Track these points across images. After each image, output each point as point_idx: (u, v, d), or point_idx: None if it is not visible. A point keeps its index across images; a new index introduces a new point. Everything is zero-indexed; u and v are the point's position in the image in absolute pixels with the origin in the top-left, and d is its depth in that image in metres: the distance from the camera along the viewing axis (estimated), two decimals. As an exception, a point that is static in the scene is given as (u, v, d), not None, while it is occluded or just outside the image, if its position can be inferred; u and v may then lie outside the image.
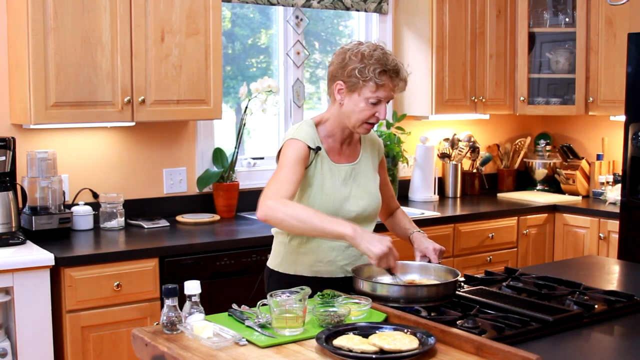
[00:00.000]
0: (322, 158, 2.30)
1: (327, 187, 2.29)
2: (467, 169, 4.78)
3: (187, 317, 1.88)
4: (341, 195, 2.31)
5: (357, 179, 2.37)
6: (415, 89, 4.40)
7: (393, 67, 2.21)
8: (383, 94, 2.22)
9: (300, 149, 2.24)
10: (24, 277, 2.80)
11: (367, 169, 2.41)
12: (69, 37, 3.09)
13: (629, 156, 3.78)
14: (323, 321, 1.88)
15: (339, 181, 2.32)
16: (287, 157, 2.23)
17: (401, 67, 2.25)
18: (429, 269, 2.31)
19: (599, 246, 4.13)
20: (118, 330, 2.99)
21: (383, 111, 2.24)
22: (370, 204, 2.37)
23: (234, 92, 4.06)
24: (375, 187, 2.42)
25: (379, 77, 2.19)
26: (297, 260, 2.35)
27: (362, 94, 2.22)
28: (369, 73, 2.18)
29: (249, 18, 4.14)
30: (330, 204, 2.28)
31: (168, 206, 3.76)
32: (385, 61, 2.20)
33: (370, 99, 2.21)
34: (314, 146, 2.27)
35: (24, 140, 3.36)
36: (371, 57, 2.20)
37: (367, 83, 2.20)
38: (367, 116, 2.24)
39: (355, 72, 2.20)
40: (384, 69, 2.20)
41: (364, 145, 2.43)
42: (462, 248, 4.00)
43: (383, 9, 4.42)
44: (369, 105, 2.22)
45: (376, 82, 2.19)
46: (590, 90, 4.47)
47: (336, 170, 2.33)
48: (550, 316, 1.94)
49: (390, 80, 2.22)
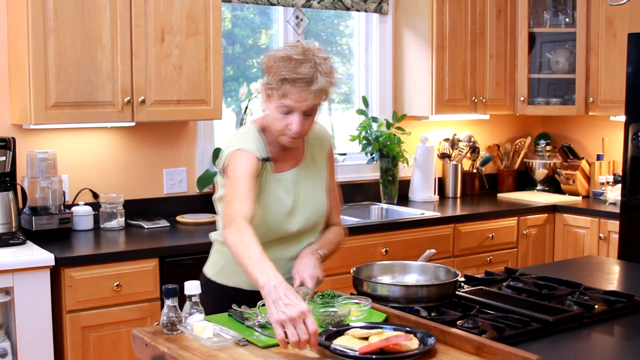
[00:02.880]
0: (266, 169, 2.15)
1: (268, 204, 2.14)
2: (467, 169, 4.78)
3: (187, 318, 1.87)
4: (284, 211, 2.16)
5: (303, 184, 2.22)
6: (415, 89, 4.40)
7: (302, 76, 2.01)
8: (290, 104, 2.04)
9: (251, 162, 2.07)
10: (24, 277, 2.80)
11: (313, 171, 2.27)
12: (69, 37, 3.09)
13: (629, 156, 3.77)
14: (323, 321, 1.88)
15: (281, 194, 2.17)
16: (240, 170, 2.06)
17: (317, 76, 2.03)
18: (428, 269, 2.31)
19: (599, 246, 4.13)
20: (118, 331, 2.99)
21: (295, 123, 2.05)
22: (316, 211, 2.24)
23: (235, 94, 4.06)
24: (321, 190, 2.27)
25: (279, 84, 2.03)
26: (236, 271, 2.10)
27: (273, 102, 2.08)
28: (273, 82, 2.04)
29: (249, 19, 4.14)
30: (272, 220, 2.14)
31: (168, 206, 3.76)
32: (293, 68, 2.02)
33: (279, 108, 2.06)
34: (263, 156, 2.14)
35: (24, 141, 3.36)
36: (281, 62, 2.03)
37: (273, 92, 2.06)
38: (281, 127, 2.08)
39: (266, 79, 2.08)
40: (285, 77, 2.02)
41: (309, 142, 2.28)
42: (462, 248, 4.00)
43: (383, 9, 4.42)
44: (280, 115, 2.07)
45: (278, 91, 2.04)
46: (590, 91, 4.47)
47: (279, 181, 2.19)
48: (550, 316, 1.94)
49: (295, 90, 2.02)
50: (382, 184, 4.36)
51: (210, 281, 2.28)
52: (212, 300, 2.11)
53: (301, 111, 2.06)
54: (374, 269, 2.28)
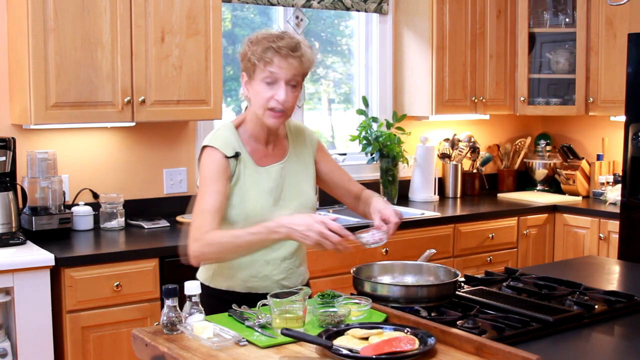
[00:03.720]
0: (245, 163, 2.19)
1: (252, 195, 2.17)
2: (467, 169, 4.78)
3: (187, 318, 1.87)
4: (269, 202, 2.18)
5: (288, 179, 2.25)
6: (415, 89, 4.40)
7: (285, 44, 2.09)
8: (274, 70, 2.09)
9: (218, 161, 2.14)
10: (24, 278, 2.80)
11: (298, 165, 2.29)
12: (69, 37, 3.09)
13: (629, 156, 3.77)
14: (323, 321, 1.88)
15: (267, 186, 2.20)
16: (205, 172, 2.14)
17: (299, 45, 2.11)
18: (429, 269, 2.31)
19: (599, 246, 4.13)
20: (118, 331, 2.99)
21: (281, 93, 2.09)
22: (303, 204, 2.24)
23: (235, 95, 4.06)
24: (308, 184, 2.30)
25: (264, 53, 2.08)
26: (229, 274, 2.21)
27: (257, 77, 2.12)
28: (257, 54, 2.09)
29: (249, 19, 4.15)
30: (257, 212, 2.15)
31: (168, 206, 3.75)
32: (273, 39, 2.10)
33: (265, 79, 2.10)
34: (231, 153, 2.16)
35: (24, 141, 3.36)
36: (259, 38, 2.12)
37: (258, 63, 2.10)
38: (266, 99, 2.11)
39: (247, 56, 2.12)
40: (270, 46, 2.08)
41: (291, 140, 2.31)
42: (462, 248, 4.00)
43: (383, 9, 4.43)
44: (265, 86, 2.11)
45: (265, 60, 2.08)
46: (590, 91, 4.47)
47: (264, 174, 2.21)
48: (550, 316, 1.94)
49: (279, 57, 2.08)
50: (382, 184, 4.36)
51: (203, 285, 2.24)
52: (207, 305, 2.09)
53: (286, 80, 2.10)
54: (374, 269, 2.28)
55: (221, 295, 2.22)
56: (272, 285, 2.20)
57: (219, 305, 2.11)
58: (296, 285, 2.24)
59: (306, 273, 2.36)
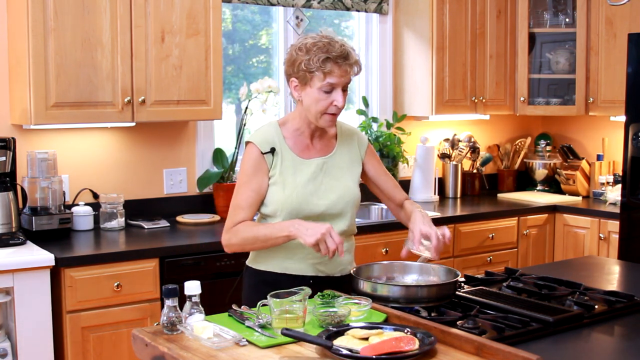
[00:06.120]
0: (284, 156, 2.32)
1: (289, 183, 2.29)
2: (468, 169, 4.78)
3: (187, 318, 1.88)
4: (307, 191, 2.29)
5: (330, 172, 2.35)
6: (416, 89, 4.40)
7: (339, 53, 2.20)
8: (334, 80, 2.21)
9: (254, 157, 2.30)
10: (24, 278, 2.80)
11: (342, 163, 2.39)
12: (69, 37, 3.09)
13: (629, 156, 3.77)
14: (323, 322, 1.88)
15: (305, 176, 2.31)
16: (243, 168, 2.32)
17: (350, 51, 2.24)
18: (428, 269, 2.31)
19: (599, 246, 4.13)
20: (118, 331, 2.99)
21: (340, 98, 2.23)
22: (342, 197, 2.34)
23: (235, 88, 4.06)
24: (351, 180, 2.39)
25: (323, 64, 2.19)
26: (269, 255, 2.34)
27: (314, 85, 2.23)
28: (314, 63, 2.20)
29: (250, 18, 4.15)
30: (293, 199, 2.27)
31: (168, 206, 3.76)
32: (328, 48, 2.20)
33: (322, 88, 2.22)
34: (267, 149, 2.30)
35: (24, 141, 3.36)
36: (314, 47, 2.21)
37: (315, 73, 2.21)
38: (324, 106, 2.24)
39: (302, 65, 2.22)
40: (328, 56, 2.20)
41: (341, 139, 2.42)
42: (462, 248, 4.00)
43: (383, 9, 4.43)
44: (323, 94, 2.23)
45: (323, 70, 2.20)
46: (590, 91, 4.47)
47: (304, 165, 2.32)
48: (550, 316, 1.94)
49: (337, 66, 2.21)
50: (382, 184, 4.35)
51: (247, 267, 2.45)
52: (248, 283, 2.41)
53: (342, 86, 2.24)
54: (373, 269, 2.29)
55: (260, 275, 2.37)
56: (306, 268, 2.32)
57: (259, 285, 2.33)
58: (334, 273, 2.36)
59: (349, 264, 2.39)
